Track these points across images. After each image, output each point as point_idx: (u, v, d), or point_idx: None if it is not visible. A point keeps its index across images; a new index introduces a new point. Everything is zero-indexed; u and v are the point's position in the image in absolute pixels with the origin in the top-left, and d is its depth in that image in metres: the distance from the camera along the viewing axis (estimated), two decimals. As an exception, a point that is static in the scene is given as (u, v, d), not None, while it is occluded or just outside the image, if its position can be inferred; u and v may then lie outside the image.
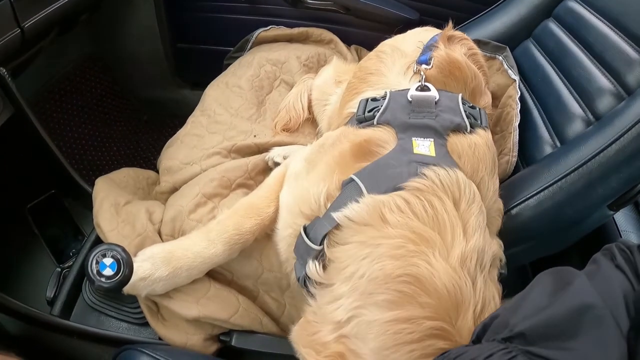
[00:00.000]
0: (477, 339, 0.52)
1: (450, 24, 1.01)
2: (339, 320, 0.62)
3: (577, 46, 1.02)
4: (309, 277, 0.70)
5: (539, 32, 1.16)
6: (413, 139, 0.73)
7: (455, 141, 0.74)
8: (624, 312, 0.43)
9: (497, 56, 1.17)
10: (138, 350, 0.83)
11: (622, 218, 1.24)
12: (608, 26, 0.96)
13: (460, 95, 0.82)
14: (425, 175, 0.67)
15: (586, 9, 1.04)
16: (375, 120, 0.79)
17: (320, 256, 0.69)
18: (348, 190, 0.70)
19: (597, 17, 0.99)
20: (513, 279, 1.03)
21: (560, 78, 1.02)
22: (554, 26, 1.11)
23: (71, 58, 1.53)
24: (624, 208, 1.26)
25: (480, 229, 0.66)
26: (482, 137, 0.78)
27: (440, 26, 1.27)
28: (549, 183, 0.79)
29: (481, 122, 0.81)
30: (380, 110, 0.80)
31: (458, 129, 0.76)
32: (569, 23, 1.07)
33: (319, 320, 0.66)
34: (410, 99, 0.80)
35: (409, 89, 0.82)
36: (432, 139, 0.73)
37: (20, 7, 0.95)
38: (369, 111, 0.81)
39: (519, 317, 0.47)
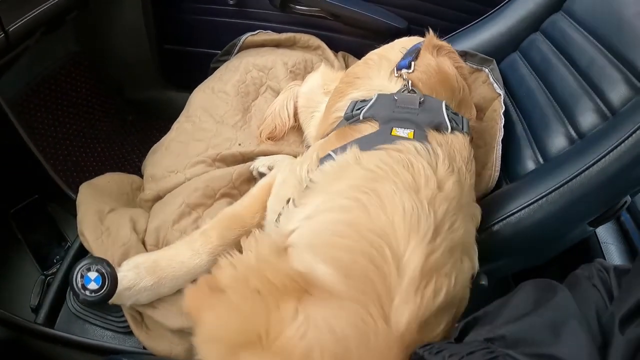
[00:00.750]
0: (459, 337, 0.52)
1: (432, 32, 1.02)
2: (289, 230, 0.62)
3: (562, 62, 1.02)
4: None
5: (526, 45, 1.16)
6: (394, 127, 0.75)
7: (435, 135, 0.76)
8: (597, 328, 0.45)
9: (483, 68, 1.18)
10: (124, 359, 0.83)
11: (602, 229, 1.27)
12: (594, 44, 0.96)
13: (444, 102, 0.84)
14: (402, 144, 0.69)
15: (573, 25, 1.04)
16: (360, 115, 0.81)
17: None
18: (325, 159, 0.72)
19: (583, 34, 1.00)
20: (495, 290, 1.05)
21: (545, 93, 1.02)
22: (540, 40, 1.12)
23: (56, 57, 1.49)
24: None
25: (456, 197, 0.65)
26: (459, 138, 0.79)
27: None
28: (530, 201, 0.79)
29: (463, 127, 0.82)
30: (366, 108, 0.82)
31: (438, 127, 0.78)
32: (556, 38, 1.08)
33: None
34: (396, 98, 0.82)
35: (394, 92, 0.85)
36: (413, 130, 0.75)
37: (4, 10, 0.93)
38: (357, 109, 0.83)
39: (501, 320, 0.49)
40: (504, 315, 0.50)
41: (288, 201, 0.71)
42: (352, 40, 1.46)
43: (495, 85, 1.11)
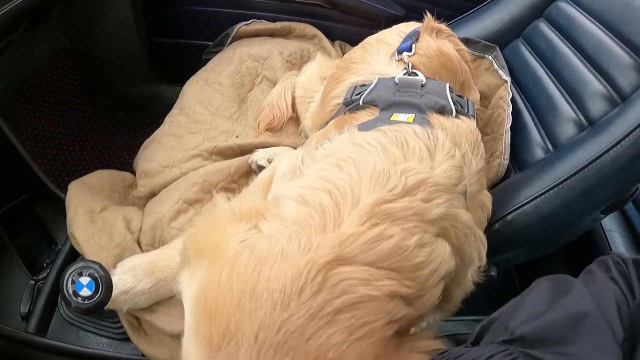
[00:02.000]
0: (476, 340, 0.51)
1: (430, 15, 0.99)
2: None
3: (568, 48, 0.99)
4: None
5: (529, 32, 1.13)
6: (394, 113, 0.72)
7: (438, 119, 0.72)
8: (618, 322, 0.44)
9: (486, 55, 1.14)
10: None
11: (605, 218, 1.22)
12: (601, 29, 0.94)
13: (448, 84, 0.80)
14: (400, 126, 0.66)
15: (578, 10, 1.01)
16: (361, 100, 0.77)
17: None
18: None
19: (589, 20, 0.97)
20: (499, 281, 1.03)
21: (552, 79, 0.99)
22: (544, 27, 1.09)
23: (42, 53, 1.42)
24: None
25: (447, 182, 0.61)
26: (465, 122, 0.75)
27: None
28: (546, 189, 0.77)
29: (468, 110, 0.78)
30: (367, 92, 0.78)
31: (442, 110, 0.74)
32: (560, 24, 1.05)
33: None
34: (397, 81, 0.79)
35: (396, 75, 0.81)
36: (414, 114, 0.71)
37: None
38: (357, 94, 0.80)
39: (518, 321, 0.47)
40: (520, 316, 0.48)
41: None
42: (349, 29, 1.41)
43: (500, 72, 1.07)
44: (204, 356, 0.47)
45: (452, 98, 0.76)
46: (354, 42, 1.37)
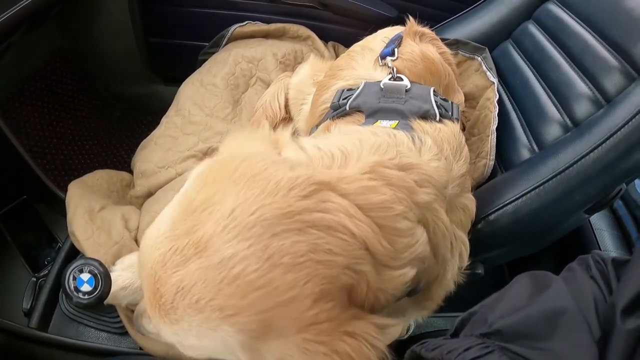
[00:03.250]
0: (455, 332, 0.53)
1: (412, 19, 1.01)
2: None
3: (556, 50, 1.01)
4: None
5: (519, 33, 1.15)
6: (379, 120, 0.74)
7: (421, 124, 0.74)
8: (595, 320, 0.45)
9: (476, 57, 1.16)
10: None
11: (595, 217, 1.29)
12: (587, 31, 0.95)
13: (432, 88, 0.82)
14: (386, 128, 0.69)
15: (566, 12, 1.03)
16: (347, 105, 0.80)
17: None
18: None
19: (576, 22, 0.99)
20: (489, 279, 1.06)
21: (539, 81, 1.01)
22: (533, 28, 1.10)
23: (40, 54, 1.45)
24: None
25: (435, 180, 0.64)
26: (448, 127, 0.76)
27: (419, 24, 1.27)
28: (527, 190, 0.79)
29: (452, 114, 0.80)
30: (353, 96, 0.81)
31: (426, 115, 0.76)
32: (549, 26, 1.06)
33: None
34: (382, 87, 0.81)
35: (382, 80, 0.83)
36: (397, 120, 0.73)
37: None
38: (344, 99, 0.82)
39: (497, 314, 0.48)
40: (499, 310, 0.49)
41: None
42: (342, 29, 1.43)
43: (488, 73, 1.09)
44: (178, 215, 0.50)
45: (436, 102, 0.78)
46: (347, 42, 1.40)
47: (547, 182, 0.79)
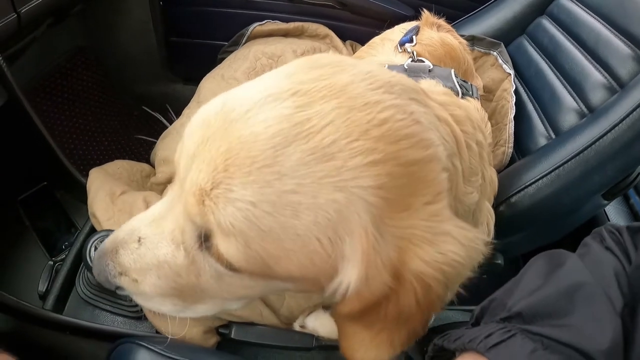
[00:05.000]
0: (476, 321, 0.52)
1: (428, 12, 1.05)
2: None
3: (570, 42, 1.05)
4: None
5: (533, 29, 1.19)
6: None
7: None
8: (616, 290, 0.44)
9: (491, 52, 1.20)
10: (136, 343, 0.81)
11: (613, 211, 1.30)
12: (600, 22, 0.99)
13: (452, 69, 0.85)
14: None
15: (579, 6, 1.08)
16: None
17: None
18: None
19: (589, 14, 1.03)
20: (506, 272, 1.06)
21: (554, 72, 1.05)
22: (547, 23, 1.15)
23: (62, 51, 1.51)
24: (616, 200, 1.33)
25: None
26: (472, 102, 0.78)
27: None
28: (547, 171, 0.82)
29: (473, 93, 0.82)
30: None
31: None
32: (562, 20, 1.11)
33: None
34: (406, 67, 0.82)
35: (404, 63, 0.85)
36: None
37: None
38: None
39: (515, 298, 0.48)
40: (517, 293, 0.49)
41: None
42: (359, 29, 1.48)
43: (504, 66, 1.13)
44: (301, 67, 0.45)
45: (457, 82, 0.81)
46: (364, 42, 1.43)
47: (567, 163, 0.82)
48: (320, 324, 0.91)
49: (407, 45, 0.91)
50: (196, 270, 0.47)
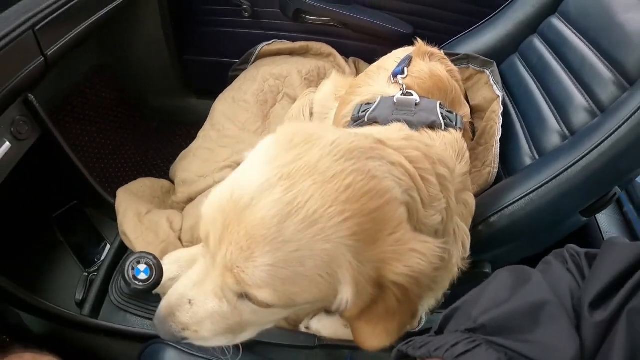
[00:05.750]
0: (440, 329, 0.58)
1: (420, 41, 1.16)
2: None
3: (557, 63, 1.14)
4: None
5: (525, 47, 1.29)
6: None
7: (428, 132, 0.88)
8: (571, 310, 0.49)
9: (485, 70, 1.32)
10: (165, 343, 0.97)
11: (605, 220, 1.38)
12: (586, 44, 1.07)
13: (439, 101, 0.97)
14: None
15: (567, 26, 1.16)
16: (365, 117, 0.95)
17: None
18: None
19: (576, 35, 1.11)
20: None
21: (542, 93, 1.15)
22: (538, 42, 1.24)
23: (81, 70, 1.66)
24: (609, 208, 1.43)
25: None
26: (452, 134, 0.91)
27: (433, 39, 1.42)
28: (522, 195, 0.93)
29: (456, 124, 0.94)
30: (371, 110, 0.96)
31: (433, 125, 0.90)
32: (552, 40, 1.19)
33: None
34: (395, 101, 0.96)
35: (395, 95, 0.98)
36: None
37: (42, 35, 1.06)
38: (362, 112, 0.98)
39: (480, 309, 0.52)
40: (482, 304, 0.53)
41: None
42: (362, 45, 1.61)
43: (495, 87, 1.25)
44: (275, 153, 0.59)
45: (441, 114, 0.93)
46: (367, 57, 1.59)
47: (540, 188, 0.92)
48: (323, 326, 1.08)
49: (399, 77, 1.03)
50: (239, 312, 0.64)
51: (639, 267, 0.47)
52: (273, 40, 1.58)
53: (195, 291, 0.65)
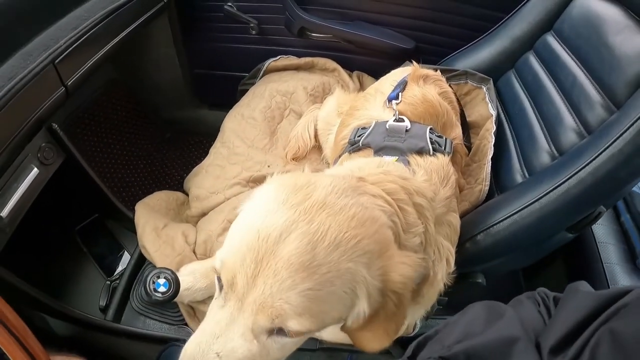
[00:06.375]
0: (413, 355, 0.62)
1: (416, 64, 1.26)
2: None
3: (550, 82, 1.21)
4: None
5: (521, 64, 1.37)
6: (383, 156, 1.01)
7: (416, 158, 0.99)
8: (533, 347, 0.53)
9: (482, 86, 1.41)
10: (181, 346, 1.11)
11: (602, 230, 1.46)
12: (578, 65, 1.13)
13: (429, 127, 1.06)
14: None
15: (560, 44, 1.23)
16: (360, 142, 1.07)
17: None
18: None
19: (568, 54, 1.18)
20: (506, 281, 1.28)
21: (534, 111, 1.22)
22: (533, 59, 1.31)
23: (97, 85, 1.79)
24: (607, 218, 1.50)
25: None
26: (439, 159, 1.01)
27: (435, 53, 1.53)
28: (506, 216, 1.01)
29: (445, 148, 1.04)
30: (365, 135, 1.07)
31: (421, 151, 1.01)
32: (545, 58, 1.27)
33: None
34: (387, 127, 1.07)
35: (388, 120, 1.09)
36: (397, 156, 1.00)
37: (62, 68, 1.18)
38: (358, 136, 1.09)
39: (454, 339, 0.57)
40: (456, 334, 0.57)
41: None
42: (366, 60, 1.72)
43: (489, 105, 1.33)
44: (284, 195, 0.71)
45: (430, 139, 1.03)
46: (371, 71, 1.70)
47: (523, 210, 0.99)
48: (323, 330, 1.22)
49: (393, 102, 1.14)
50: (266, 350, 0.70)
51: (598, 315, 0.50)
52: (280, 56, 1.70)
53: (222, 342, 0.69)
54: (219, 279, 0.73)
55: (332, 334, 1.18)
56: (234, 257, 0.68)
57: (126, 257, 1.47)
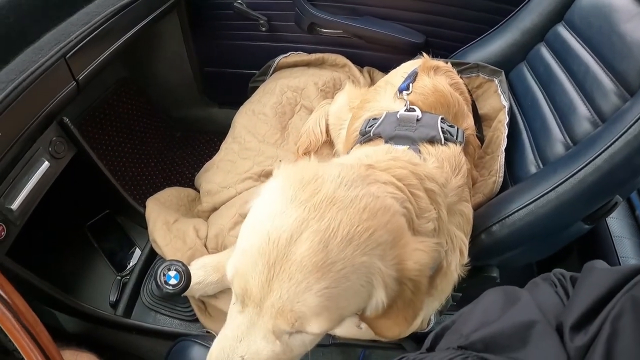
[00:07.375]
0: (431, 347, 0.62)
1: (426, 55, 1.26)
2: None
3: (563, 72, 1.20)
4: None
5: (532, 56, 1.37)
6: (394, 145, 0.99)
7: (427, 147, 0.98)
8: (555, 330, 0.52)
9: (494, 79, 1.41)
10: (191, 340, 1.09)
11: (616, 224, 1.44)
12: (590, 54, 1.13)
13: (440, 116, 1.06)
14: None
15: (572, 35, 1.22)
16: (371, 133, 1.06)
17: None
18: None
19: (580, 44, 1.17)
20: (521, 277, 1.26)
21: (547, 102, 1.22)
22: (544, 51, 1.31)
23: (108, 84, 1.82)
24: (621, 211, 1.49)
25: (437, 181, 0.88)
26: (451, 148, 1.00)
27: (445, 47, 1.52)
28: (521, 206, 1.00)
29: (457, 137, 1.03)
30: (376, 125, 1.07)
31: (432, 140, 1.00)
32: (557, 49, 1.26)
33: None
34: (398, 117, 1.06)
35: (399, 110, 1.08)
36: (408, 145, 0.98)
37: (73, 62, 1.18)
38: (369, 127, 1.09)
39: (471, 327, 0.56)
40: (472, 322, 0.57)
41: None
42: (376, 55, 1.72)
43: (502, 97, 1.33)
44: (291, 191, 0.70)
45: (442, 128, 1.02)
46: (381, 66, 1.70)
47: (539, 199, 0.98)
48: None
49: (404, 92, 1.13)
50: (289, 348, 0.71)
51: (617, 291, 0.50)
52: (290, 53, 1.70)
53: (245, 345, 0.70)
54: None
55: (345, 330, 1.18)
56: (246, 263, 0.68)
57: (137, 253, 1.47)
